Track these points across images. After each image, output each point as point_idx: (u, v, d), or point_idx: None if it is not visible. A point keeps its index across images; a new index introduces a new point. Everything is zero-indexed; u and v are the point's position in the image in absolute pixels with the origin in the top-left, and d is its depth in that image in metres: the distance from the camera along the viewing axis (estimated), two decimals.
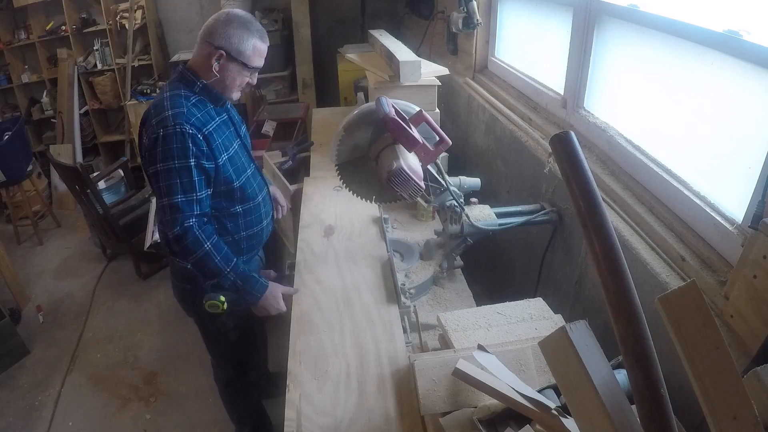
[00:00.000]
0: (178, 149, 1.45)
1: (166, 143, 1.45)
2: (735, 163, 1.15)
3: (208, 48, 1.52)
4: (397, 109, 1.45)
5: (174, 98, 1.52)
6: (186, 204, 1.48)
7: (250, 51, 1.54)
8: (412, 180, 1.37)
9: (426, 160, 1.50)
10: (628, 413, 0.73)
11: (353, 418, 1.18)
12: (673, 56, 1.32)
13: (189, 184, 1.48)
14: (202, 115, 1.53)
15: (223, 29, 1.50)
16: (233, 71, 1.55)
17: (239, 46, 1.52)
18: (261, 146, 3.18)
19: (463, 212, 1.64)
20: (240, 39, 1.51)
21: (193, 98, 1.54)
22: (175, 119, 1.46)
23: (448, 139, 1.51)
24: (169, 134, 1.45)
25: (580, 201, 0.73)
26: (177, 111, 1.48)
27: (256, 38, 1.54)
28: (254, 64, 1.57)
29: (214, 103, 1.60)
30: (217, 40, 1.51)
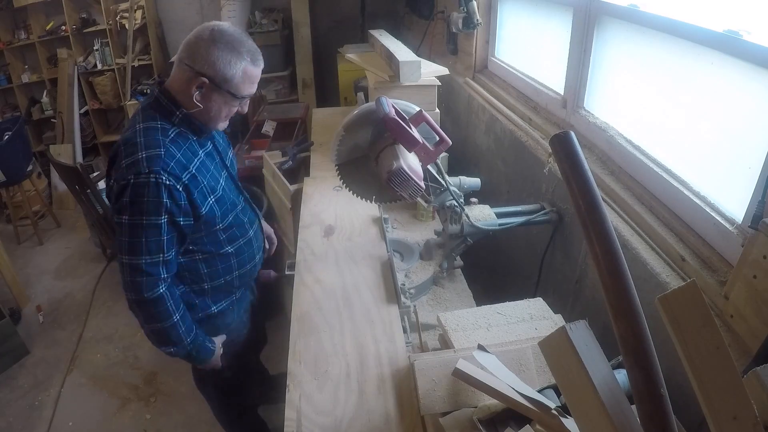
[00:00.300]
0: (149, 203, 1.25)
1: (136, 195, 1.24)
2: (735, 163, 1.15)
3: (188, 72, 1.27)
4: (397, 109, 1.45)
5: (149, 133, 1.28)
6: (152, 267, 1.31)
7: (238, 78, 1.29)
8: (412, 180, 1.36)
9: (426, 160, 1.50)
10: (628, 413, 0.73)
11: (353, 418, 1.18)
12: (673, 56, 1.32)
13: (156, 244, 1.29)
14: (183, 154, 1.32)
15: (206, 51, 1.24)
16: (218, 101, 1.32)
17: (225, 73, 1.26)
18: (261, 146, 3.18)
19: (463, 212, 1.64)
20: (226, 64, 1.26)
21: (172, 132, 1.31)
22: (150, 165, 1.24)
23: (448, 139, 1.51)
24: (140, 183, 1.24)
25: (580, 201, 0.73)
26: (152, 154, 1.25)
27: (247, 62, 1.29)
28: (244, 93, 1.33)
29: (197, 135, 1.38)
30: (198, 64, 1.25)
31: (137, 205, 1.26)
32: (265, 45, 4.36)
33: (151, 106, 1.35)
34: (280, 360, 2.40)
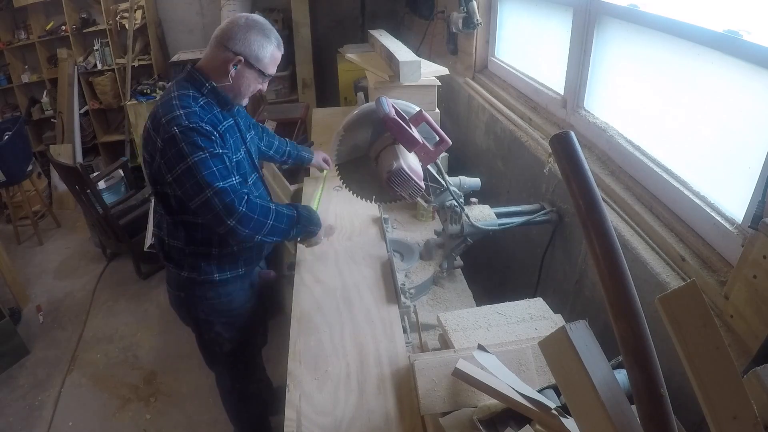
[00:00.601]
0: (202, 140, 1.40)
1: (187, 137, 1.39)
2: (735, 163, 1.15)
3: (225, 53, 1.48)
4: (397, 109, 1.45)
5: (182, 98, 1.46)
6: (233, 186, 1.43)
7: (268, 59, 1.51)
8: (412, 180, 1.37)
9: (426, 160, 1.50)
10: (628, 413, 0.73)
11: (353, 418, 1.18)
12: (673, 56, 1.32)
13: (225, 169, 1.43)
14: (210, 118, 1.49)
15: (244, 35, 1.47)
16: (249, 78, 1.52)
17: (258, 53, 1.49)
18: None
19: (463, 212, 1.64)
20: (260, 46, 1.48)
21: (201, 100, 1.49)
22: (189, 118, 1.41)
23: (448, 139, 1.51)
24: (186, 129, 1.39)
25: (580, 201, 0.73)
26: (189, 111, 1.43)
27: (275, 46, 1.52)
28: (270, 72, 1.55)
29: (221, 107, 1.55)
30: (236, 46, 1.47)
31: (193, 145, 1.39)
32: None
33: (184, 78, 1.53)
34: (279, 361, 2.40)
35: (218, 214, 1.41)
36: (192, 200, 1.43)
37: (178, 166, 1.40)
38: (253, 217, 1.44)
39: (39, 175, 4.50)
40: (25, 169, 4.00)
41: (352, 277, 1.66)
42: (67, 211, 4.56)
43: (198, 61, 1.55)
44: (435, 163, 1.56)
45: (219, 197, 1.40)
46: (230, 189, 1.41)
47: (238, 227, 1.43)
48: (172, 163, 1.40)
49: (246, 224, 1.44)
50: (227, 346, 1.83)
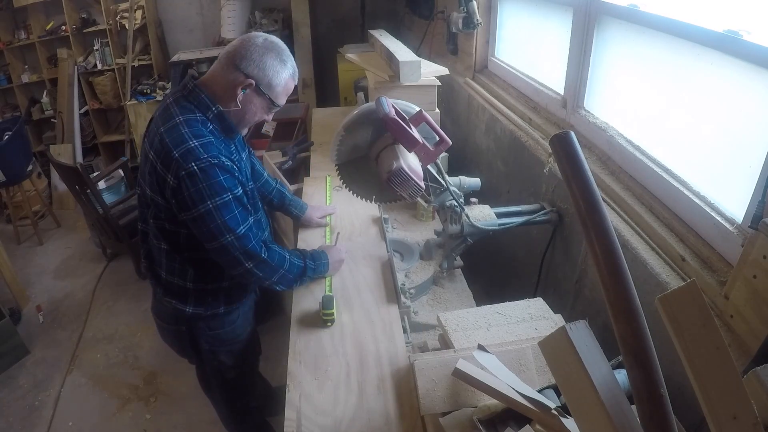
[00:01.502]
0: (225, 180, 1.29)
1: (207, 177, 1.26)
2: (735, 163, 1.15)
3: (235, 73, 1.32)
4: (397, 109, 1.45)
5: (191, 124, 1.30)
6: (251, 231, 1.36)
7: (281, 87, 1.38)
8: (412, 180, 1.36)
9: (426, 160, 1.50)
10: (628, 413, 0.73)
11: (353, 417, 1.19)
12: (673, 56, 1.32)
13: (244, 212, 1.35)
14: (224, 148, 1.35)
15: (259, 57, 1.32)
16: (256, 105, 1.39)
17: (272, 80, 1.35)
18: (261, 146, 3.18)
19: (463, 212, 1.64)
20: (275, 72, 1.34)
21: (210, 125, 1.35)
22: (207, 150, 1.27)
23: (448, 139, 1.51)
24: (205, 168, 1.26)
25: (580, 201, 0.73)
26: (204, 141, 1.28)
27: (290, 74, 1.38)
28: (280, 102, 1.41)
29: (225, 134, 1.40)
30: (248, 68, 1.32)
31: (215, 186, 1.28)
32: None
33: (187, 98, 1.35)
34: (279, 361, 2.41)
35: (237, 258, 1.36)
36: (209, 242, 1.34)
37: (197, 207, 1.28)
38: (270, 264, 1.42)
39: (39, 175, 4.50)
40: (25, 169, 4.00)
41: (352, 277, 1.66)
42: (67, 211, 4.56)
43: (199, 77, 1.40)
44: (435, 163, 1.56)
45: (240, 242, 1.34)
46: (251, 235, 1.36)
47: (255, 271, 1.39)
48: (190, 203, 1.28)
49: (262, 269, 1.41)
50: (231, 373, 1.75)
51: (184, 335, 1.63)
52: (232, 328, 1.67)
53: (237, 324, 1.68)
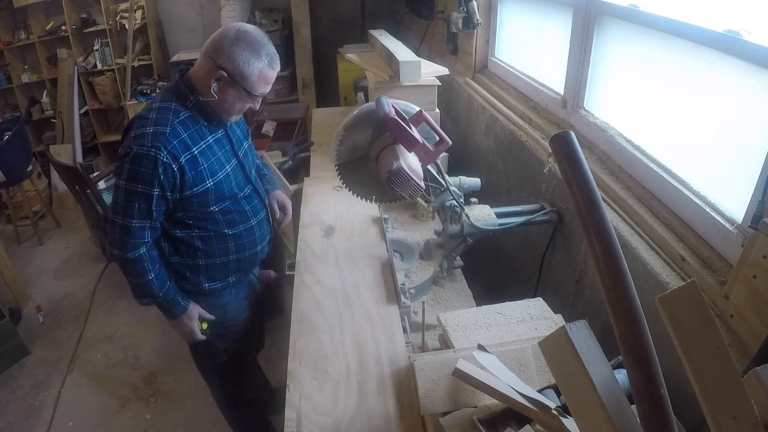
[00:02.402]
0: (145, 174, 1.35)
1: (135, 163, 1.35)
2: (735, 163, 1.15)
3: (210, 65, 1.38)
4: (397, 109, 1.45)
5: (161, 111, 1.40)
6: (139, 230, 1.43)
7: (255, 77, 1.39)
8: (412, 180, 1.37)
9: (426, 160, 1.50)
10: (628, 413, 0.73)
11: (353, 418, 1.18)
12: (673, 56, 1.32)
13: (146, 211, 1.41)
14: (190, 135, 1.41)
15: (230, 48, 1.35)
16: (232, 96, 1.42)
17: (243, 70, 1.37)
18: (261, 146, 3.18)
19: (463, 212, 1.64)
20: (245, 62, 1.36)
21: (183, 114, 1.42)
22: (153, 141, 1.35)
23: (448, 139, 1.51)
24: (141, 154, 1.34)
25: (580, 201, 0.73)
26: (158, 131, 1.36)
27: (264, 63, 1.39)
28: (258, 92, 1.43)
29: (208, 122, 1.47)
30: (220, 59, 1.36)
31: (135, 173, 1.36)
32: None
33: (170, 89, 1.47)
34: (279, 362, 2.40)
35: (112, 239, 1.46)
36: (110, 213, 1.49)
37: (118, 180, 1.41)
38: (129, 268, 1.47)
39: (39, 175, 4.50)
40: (25, 169, 4.00)
41: (352, 277, 1.66)
42: (67, 211, 4.56)
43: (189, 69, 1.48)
44: (435, 163, 1.56)
45: (120, 230, 1.42)
46: (134, 230, 1.42)
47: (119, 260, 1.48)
48: (117, 173, 1.42)
49: (122, 264, 1.48)
50: (222, 356, 1.80)
51: None
52: (222, 311, 1.70)
53: (228, 308, 1.71)
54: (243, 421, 2.11)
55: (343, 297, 1.57)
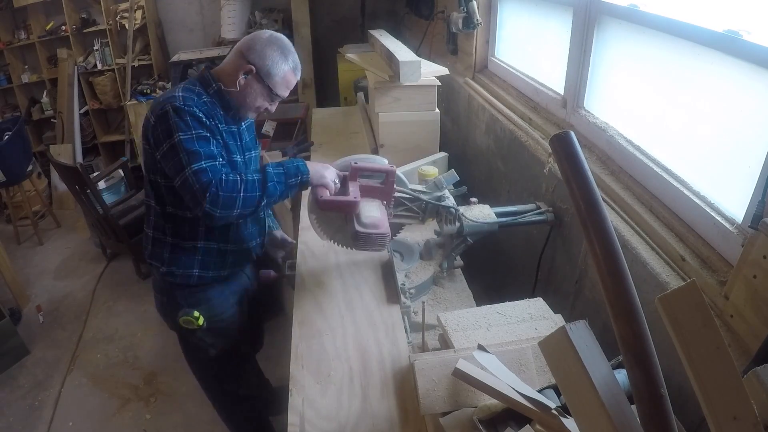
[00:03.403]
0: (193, 120, 1.41)
1: (179, 116, 1.40)
2: (735, 163, 1.15)
3: (240, 60, 1.50)
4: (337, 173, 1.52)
5: (186, 90, 1.49)
6: (212, 167, 1.39)
7: (279, 78, 1.52)
8: (373, 235, 1.42)
9: (386, 197, 1.54)
10: (628, 413, 0.73)
11: (357, 422, 1.18)
12: (673, 56, 1.32)
13: (210, 151, 1.41)
14: (207, 110, 1.48)
15: (262, 47, 1.49)
16: (256, 91, 1.52)
17: (271, 69, 1.50)
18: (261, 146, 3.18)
19: (457, 212, 1.63)
20: (274, 62, 1.49)
21: (205, 97, 1.51)
22: (185, 101, 1.43)
23: (391, 168, 1.53)
24: (179, 108, 1.40)
25: (580, 201, 0.73)
26: (187, 96, 1.45)
27: (290, 68, 1.53)
28: (279, 92, 1.55)
29: (225, 111, 1.55)
30: (251, 55, 1.48)
31: (183, 123, 1.40)
32: None
33: (196, 78, 1.57)
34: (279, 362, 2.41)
35: (194, 195, 1.38)
36: (175, 179, 1.41)
37: (165, 143, 1.40)
38: (223, 195, 1.37)
39: (39, 175, 4.50)
40: (25, 169, 4.00)
41: (353, 278, 1.66)
42: (67, 211, 4.56)
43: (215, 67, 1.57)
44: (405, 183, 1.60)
45: (197, 176, 1.37)
46: (209, 168, 1.38)
47: (209, 208, 1.37)
48: (160, 139, 1.41)
49: (217, 204, 1.37)
50: (211, 351, 1.80)
51: (165, 306, 1.73)
52: (209, 306, 1.70)
53: (214, 303, 1.71)
54: (234, 418, 2.11)
55: (344, 299, 1.57)
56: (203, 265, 1.64)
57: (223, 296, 1.75)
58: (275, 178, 1.44)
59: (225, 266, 1.68)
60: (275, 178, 1.44)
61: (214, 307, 1.72)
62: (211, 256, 1.64)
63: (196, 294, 1.68)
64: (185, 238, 1.61)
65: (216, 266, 1.67)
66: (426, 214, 1.65)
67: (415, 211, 1.63)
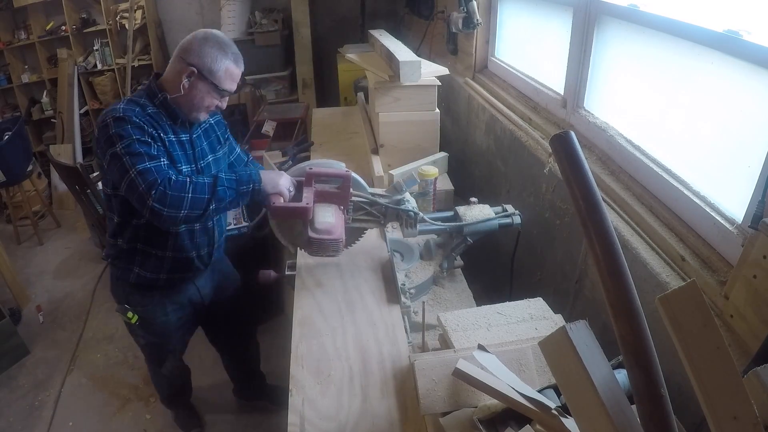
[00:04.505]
0: (132, 128, 1.42)
1: (118, 125, 1.42)
2: (735, 163, 1.15)
3: (181, 64, 1.50)
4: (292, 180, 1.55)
5: (129, 103, 1.50)
6: (157, 167, 1.42)
7: (222, 72, 1.52)
8: (326, 241, 1.45)
9: (342, 202, 1.55)
10: (628, 413, 0.73)
11: (357, 422, 1.18)
12: (673, 56, 1.32)
13: (151, 153, 1.43)
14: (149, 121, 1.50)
15: (199, 47, 1.49)
16: (202, 91, 1.52)
17: (212, 66, 1.50)
18: (261, 146, 3.18)
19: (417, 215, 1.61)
20: (213, 59, 1.49)
21: (150, 109, 1.52)
22: (125, 111, 1.45)
23: (346, 173, 1.55)
24: (119, 118, 1.43)
25: (580, 201, 0.73)
26: (128, 108, 1.47)
27: (230, 61, 1.52)
28: (225, 87, 1.54)
29: (172, 120, 1.57)
30: (190, 57, 1.49)
31: (124, 131, 1.42)
32: (265, 45, 4.37)
33: (142, 89, 1.59)
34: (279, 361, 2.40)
35: (141, 195, 1.39)
36: (120, 184, 1.43)
37: (108, 153, 1.43)
38: (170, 194, 1.39)
39: (39, 175, 4.50)
40: (25, 169, 4.00)
41: (353, 278, 1.66)
42: (67, 211, 4.56)
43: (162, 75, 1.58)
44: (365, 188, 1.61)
45: (142, 176, 1.39)
46: (154, 168, 1.40)
47: (156, 206, 1.38)
48: (104, 150, 1.45)
49: (163, 202, 1.38)
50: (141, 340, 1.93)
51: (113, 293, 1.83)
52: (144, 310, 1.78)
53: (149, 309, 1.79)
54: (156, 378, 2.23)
55: (344, 299, 1.57)
56: (144, 266, 1.70)
57: (160, 304, 1.80)
58: (226, 183, 1.46)
59: (161, 272, 1.72)
60: (226, 183, 1.46)
61: (148, 311, 1.80)
62: (150, 261, 1.69)
63: (134, 294, 1.76)
64: (127, 241, 1.66)
65: (153, 271, 1.71)
66: (386, 218, 1.65)
67: (375, 215, 1.64)
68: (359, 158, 2.51)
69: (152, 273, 1.71)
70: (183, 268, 1.76)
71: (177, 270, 1.75)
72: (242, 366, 2.38)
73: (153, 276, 1.71)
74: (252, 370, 2.41)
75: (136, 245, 1.66)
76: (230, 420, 2.47)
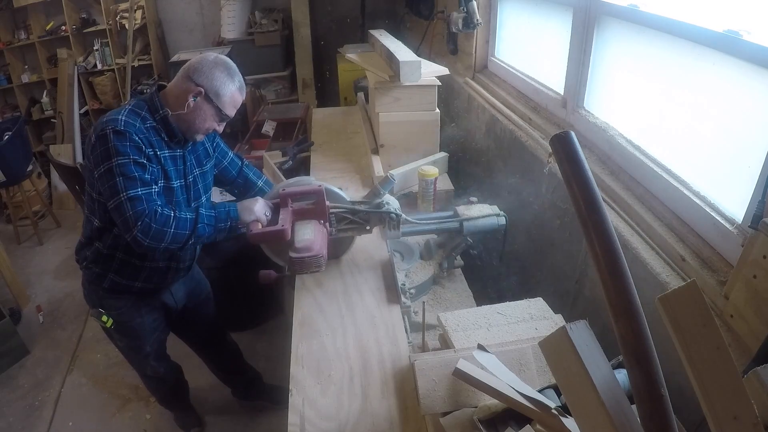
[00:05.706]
0: (131, 146, 1.44)
1: (117, 140, 1.42)
2: (735, 163, 1.15)
3: (188, 83, 1.52)
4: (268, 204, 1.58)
5: (131, 114, 1.50)
6: (147, 195, 1.44)
7: (227, 98, 1.55)
8: (306, 258, 1.45)
9: (321, 217, 1.56)
10: (628, 413, 0.73)
11: (357, 422, 1.18)
12: (673, 56, 1.32)
13: (146, 179, 1.46)
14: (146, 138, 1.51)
15: (209, 70, 1.52)
16: (206, 113, 1.55)
17: (219, 90, 1.52)
18: (261, 146, 3.18)
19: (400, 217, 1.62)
20: (221, 83, 1.52)
21: (149, 122, 1.53)
22: (126, 125, 1.45)
23: (318, 188, 1.56)
24: (119, 132, 1.43)
25: (580, 201, 0.73)
26: (128, 121, 1.47)
27: (236, 88, 1.56)
28: (227, 112, 1.57)
29: (169, 137, 1.58)
30: (199, 78, 1.51)
31: (122, 147, 1.43)
32: (265, 45, 4.38)
33: (144, 100, 1.57)
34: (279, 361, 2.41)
35: (126, 221, 1.43)
36: (108, 201, 1.46)
37: (103, 164, 1.44)
38: (153, 227, 1.43)
39: (39, 175, 4.50)
40: (25, 169, 4.00)
41: (353, 278, 1.66)
42: (67, 211, 4.56)
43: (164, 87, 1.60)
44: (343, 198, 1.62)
45: (132, 203, 1.42)
46: (144, 197, 1.43)
47: (139, 236, 1.43)
48: (99, 160, 1.44)
49: (147, 234, 1.43)
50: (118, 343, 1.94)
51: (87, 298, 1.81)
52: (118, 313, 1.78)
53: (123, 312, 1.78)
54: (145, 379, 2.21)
55: (344, 299, 1.57)
56: (121, 273, 1.69)
57: (135, 307, 1.80)
58: (206, 220, 1.52)
59: (137, 279, 1.72)
60: (205, 221, 1.52)
61: (123, 314, 1.79)
62: (127, 269, 1.69)
63: (108, 299, 1.75)
64: (107, 247, 1.65)
65: (129, 279, 1.71)
66: (371, 223, 1.65)
67: (359, 222, 1.65)
68: (359, 158, 2.51)
69: (127, 280, 1.71)
70: (160, 278, 1.78)
71: (153, 280, 1.76)
72: (222, 368, 2.40)
73: (127, 283, 1.72)
74: (235, 371, 2.42)
75: (115, 253, 1.66)
76: (230, 420, 2.47)
